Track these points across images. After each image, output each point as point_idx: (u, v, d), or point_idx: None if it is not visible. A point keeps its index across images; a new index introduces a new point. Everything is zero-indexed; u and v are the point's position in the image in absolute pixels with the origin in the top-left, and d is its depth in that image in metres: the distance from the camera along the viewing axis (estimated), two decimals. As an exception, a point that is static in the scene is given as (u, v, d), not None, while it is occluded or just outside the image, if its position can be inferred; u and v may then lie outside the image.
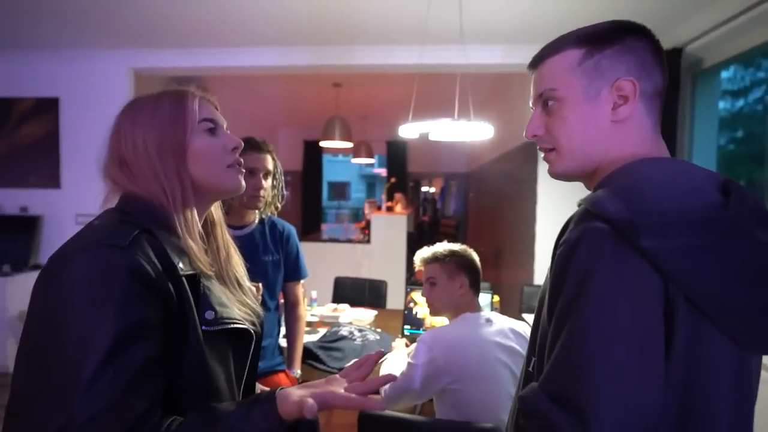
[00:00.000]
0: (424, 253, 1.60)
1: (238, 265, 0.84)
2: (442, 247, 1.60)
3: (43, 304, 0.64)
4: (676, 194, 0.60)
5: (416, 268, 1.64)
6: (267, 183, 1.64)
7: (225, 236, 0.84)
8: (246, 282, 0.85)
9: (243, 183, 0.79)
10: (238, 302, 0.78)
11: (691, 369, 0.57)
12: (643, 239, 0.55)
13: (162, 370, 0.63)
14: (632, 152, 0.68)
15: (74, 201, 3.65)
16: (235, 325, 0.74)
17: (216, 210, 0.84)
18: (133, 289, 0.61)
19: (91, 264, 0.62)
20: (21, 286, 3.41)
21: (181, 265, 0.69)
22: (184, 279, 0.68)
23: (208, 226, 0.82)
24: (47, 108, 3.63)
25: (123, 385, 0.58)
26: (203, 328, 0.69)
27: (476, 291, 1.56)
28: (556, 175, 0.74)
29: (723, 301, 0.56)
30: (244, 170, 0.79)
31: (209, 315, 0.70)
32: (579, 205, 0.65)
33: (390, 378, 0.74)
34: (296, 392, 0.68)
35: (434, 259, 1.57)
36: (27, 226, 3.62)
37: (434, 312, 1.61)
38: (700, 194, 0.60)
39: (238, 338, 0.75)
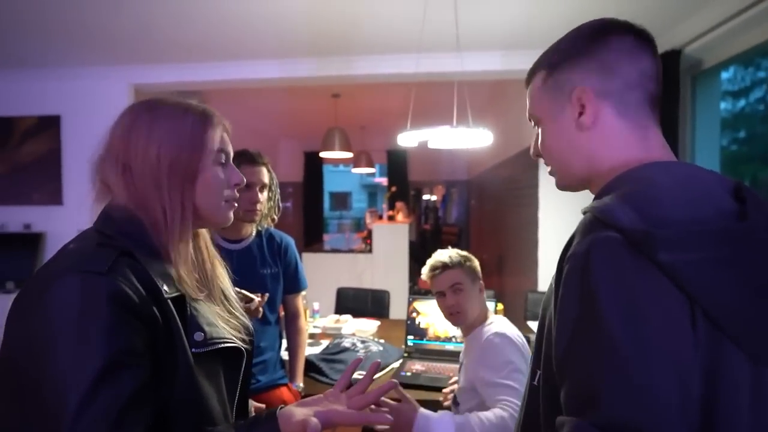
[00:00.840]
0: (438, 260, 1.53)
1: (223, 277, 0.82)
2: (454, 252, 1.55)
3: (22, 334, 0.61)
4: (690, 202, 0.57)
5: (426, 278, 1.56)
6: (263, 196, 1.64)
7: (209, 249, 0.82)
8: (231, 293, 0.83)
9: (231, 218, 0.78)
10: (227, 318, 0.77)
11: (711, 386, 0.54)
12: (660, 253, 0.52)
13: (151, 396, 0.62)
14: (626, 156, 0.65)
15: (77, 217, 3.58)
16: (226, 344, 0.72)
17: None
18: (115, 316, 0.60)
19: (71, 292, 0.60)
20: (23, 304, 3.41)
21: (165, 287, 0.67)
22: (169, 302, 0.67)
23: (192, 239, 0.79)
24: (49, 125, 3.66)
25: (113, 418, 0.56)
26: (193, 350, 0.67)
27: None
28: (559, 188, 0.75)
29: (742, 317, 0.53)
30: (236, 204, 0.78)
31: (198, 336, 0.68)
32: (584, 213, 0.62)
33: (391, 385, 0.77)
34: (299, 411, 0.67)
35: (457, 264, 1.50)
36: (30, 243, 3.63)
37: (462, 320, 1.51)
38: (713, 201, 0.57)
39: (229, 357, 0.74)
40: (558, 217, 3.26)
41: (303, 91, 4.77)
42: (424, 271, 1.57)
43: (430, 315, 2.16)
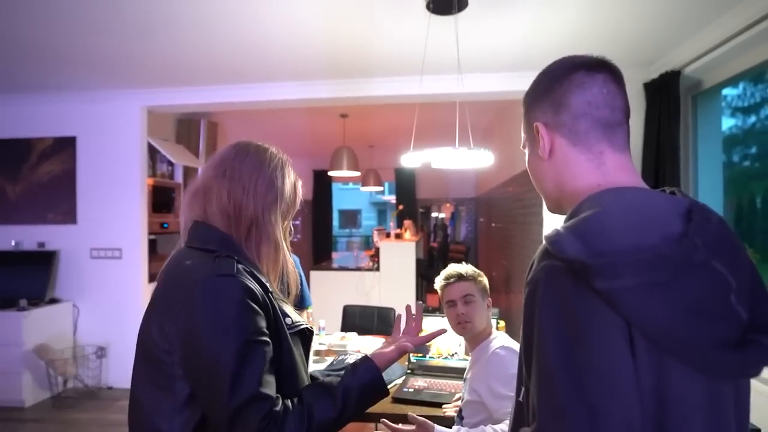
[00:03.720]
0: (454, 270, 1.59)
1: (295, 281, 1.04)
2: (469, 266, 1.61)
3: (180, 326, 0.82)
4: (634, 228, 0.60)
5: (439, 287, 1.61)
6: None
7: (288, 259, 1.01)
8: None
9: None
10: (293, 309, 0.97)
11: (663, 403, 0.57)
12: (596, 281, 0.56)
13: (275, 363, 0.84)
14: (585, 181, 0.70)
15: (89, 236, 3.74)
16: (302, 326, 0.94)
17: None
18: (248, 306, 0.81)
19: (217, 290, 0.81)
20: (37, 321, 3.47)
21: (267, 284, 0.89)
22: (271, 295, 0.88)
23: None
24: (65, 146, 3.78)
25: (257, 380, 0.79)
26: (288, 331, 0.89)
27: None
28: (550, 212, 0.83)
29: (678, 337, 0.56)
30: None
31: (288, 320, 0.90)
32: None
33: (441, 331, 1.12)
34: (383, 350, 1.00)
35: (469, 277, 1.57)
36: (44, 261, 3.72)
37: (469, 330, 1.54)
38: (659, 226, 0.60)
39: (303, 336, 0.95)
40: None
41: (312, 112, 4.88)
42: (438, 280, 1.63)
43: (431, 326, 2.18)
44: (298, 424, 0.81)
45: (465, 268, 1.60)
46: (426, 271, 6.83)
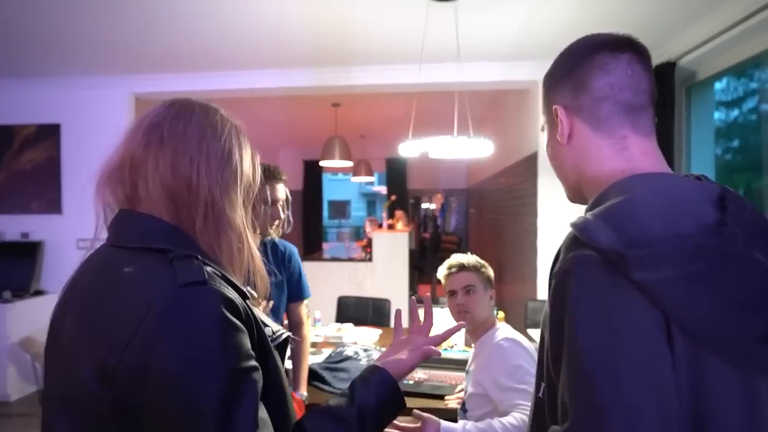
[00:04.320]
0: (457, 260, 1.57)
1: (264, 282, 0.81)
2: (473, 257, 1.59)
3: (142, 360, 0.58)
4: (670, 216, 0.57)
5: (442, 276, 1.59)
6: (283, 212, 1.66)
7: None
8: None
9: None
10: (266, 316, 0.78)
11: (699, 399, 0.55)
12: (634, 272, 0.54)
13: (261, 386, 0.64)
14: (608, 167, 0.67)
15: (76, 226, 3.65)
16: (284, 335, 0.75)
17: None
18: (230, 323, 0.59)
19: (188, 307, 0.57)
20: (22, 313, 3.39)
21: (243, 289, 0.67)
22: (248, 302, 0.67)
23: None
24: (48, 134, 3.66)
25: (252, 421, 0.57)
26: (272, 344, 0.70)
27: None
28: (570, 201, 0.79)
29: (718, 331, 0.54)
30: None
31: (268, 331, 0.70)
32: (571, 226, 0.65)
33: (459, 326, 0.93)
34: (402, 356, 0.79)
35: (472, 267, 1.56)
36: (28, 252, 3.62)
37: (469, 321, 1.53)
38: (694, 213, 0.58)
39: (281, 345, 0.76)
40: (557, 226, 3.28)
41: (303, 101, 4.80)
42: (441, 270, 1.61)
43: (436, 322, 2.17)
44: None
45: (468, 258, 1.58)
46: (418, 262, 6.84)
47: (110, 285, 0.62)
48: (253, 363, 0.60)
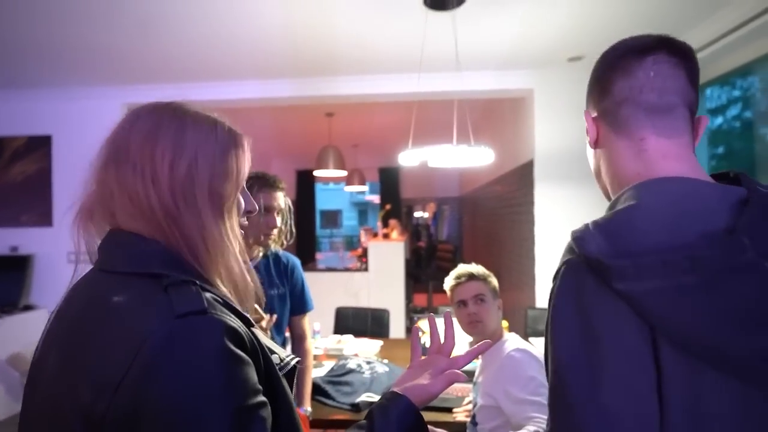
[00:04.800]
0: (465, 270, 1.57)
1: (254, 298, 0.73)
2: (480, 267, 1.59)
3: (137, 399, 0.51)
4: (668, 226, 0.55)
5: (450, 287, 1.58)
6: (280, 221, 1.63)
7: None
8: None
9: None
10: (272, 342, 0.70)
11: (694, 413, 0.52)
12: (616, 282, 0.54)
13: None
14: (626, 171, 0.68)
15: (67, 240, 3.52)
16: (293, 360, 0.67)
17: None
18: (235, 357, 0.52)
19: (189, 339, 0.51)
20: (11, 329, 3.29)
21: (246, 314, 0.60)
22: (253, 329, 0.60)
23: None
24: (39, 146, 3.60)
25: None
26: (280, 372, 0.63)
27: None
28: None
29: (710, 346, 0.52)
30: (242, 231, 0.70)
31: (275, 358, 0.63)
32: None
33: (487, 344, 0.84)
34: (423, 380, 0.72)
35: (480, 277, 1.55)
36: (18, 266, 3.53)
37: (480, 330, 1.51)
38: (700, 222, 0.55)
39: (289, 373, 0.68)
40: (555, 234, 3.28)
41: (296, 111, 4.78)
42: (448, 280, 1.60)
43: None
44: None
45: (476, 268, 1.58)
46: (413, 271, 6.82)
47: (98, 318, 0.55)
48: (261, 398, 0.54)
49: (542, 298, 3.30)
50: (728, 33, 2.25)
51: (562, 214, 3.28)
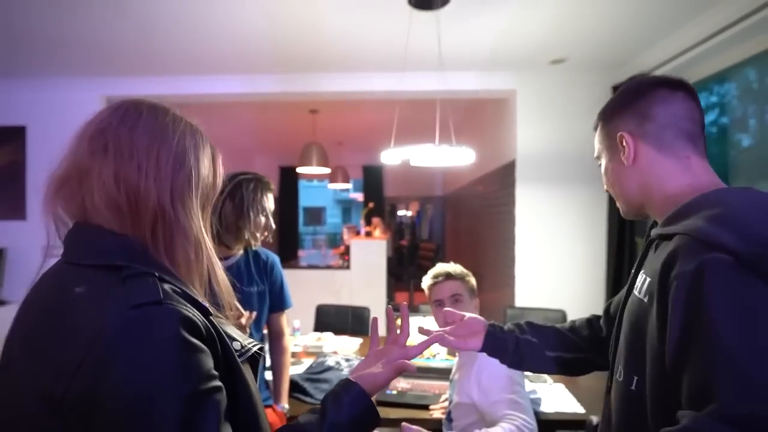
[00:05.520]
0: (442, 269, 1.56)
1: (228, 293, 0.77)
2: (458, 266, 1.59)
3: (92, 387, 0.53)
4: None
5: (427, 286, 1.58)
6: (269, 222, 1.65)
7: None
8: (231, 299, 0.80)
9: None
10: (233, 323, 0.72)
11: None
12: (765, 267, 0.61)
13: (229, 413, 0.60)
14: (676, 183, 0.79)
15: (41, 233, 3.48)
16: (253, 347, 0.69)
17: None
18: (189, 344, 0.55)
19: (144, 328, 0.54)
20: (-19, 325, 3.21)
21: (205, 304, 0.63)
22: (212, 318, 0.64)
23: None
24: (13, 137, 3.50)
25: None
26: (239, 359, 0.65)
27: None
28: (624, 217, 0.91)
29: None
30: None
31: (236, 345, 0.66)
32: (661, 236, 0.75)
33: (439, 337, 1.00)
34: (376, 369, 0.77)
35: (458, 276, 1.55)
36: (-11, 260, 3.44)
37: None
38: None
39: (252, 359, 0.71)
40: (534, 234, 3.33)
41: (279, 107, 4.75)
42: (426, 279, 1.60)
43: (413, 332, 2.16)
44: None
45: (453, 267, 1.58)
46: (396, 270, 6.84)
47: (61, 307, 0.58)
48: (215, 384, 0.57)
49: (522, 297, 3.35)
50: (706, 39, 2.30)
51: (542, 215, 3.32)
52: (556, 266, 3.30)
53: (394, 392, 1.87)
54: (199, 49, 2.84)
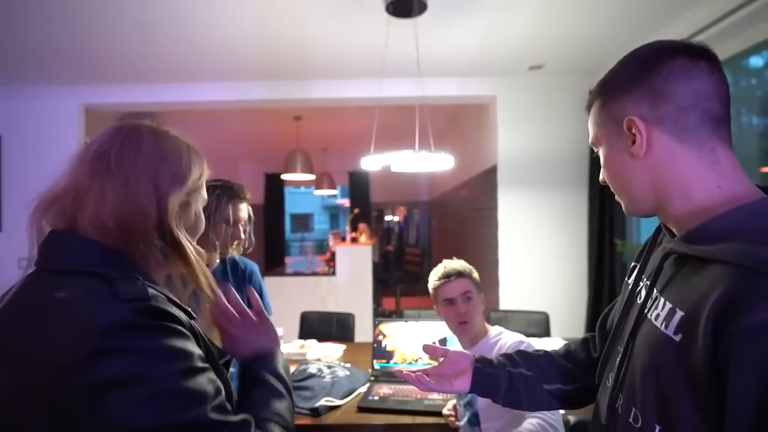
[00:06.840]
0: (452, 267, 1.51)
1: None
2: (464, 262, 1.55)
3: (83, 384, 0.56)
4: None
5: (436, 286, 1.51)
6: (244, 232, 1.62)
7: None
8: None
9: None
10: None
11: None
12: None
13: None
14: (701, 183, 0.62)
15: (17, 245, 3.42)
16: (230, 357, 0.76)
17: None
18: (176, 331, 0.60)
19: (127, 321, 0.56)
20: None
21: (189, 310, 0.68)
22: (195, 322, 0.68)
23: None
24: (-12, 146, 3.44)
25: (213, 386, 0.60)
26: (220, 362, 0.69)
27: None
28: (627, 214, 0.73)
29: None
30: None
31: (216, 350, 0.70)
32: (689, 255, 0.59)
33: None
34: (250, 339, 0.81)
35: (467, 273, 1.51)
36: (-36, 273, 3.36)
37: (470, 330, 1.47)
38: None
39: (226, 365, 0.77)
40: (517, 237, 3.36)
41: (263, 114, 4.73)
42: (434, 279, 1.53)
43: (396, 337, 2.16)
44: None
45: (460, 264, 1.54)
46: (382, 275, 6.83)
47: (42, 311, 0.58)
48: (207, 365, 0.62)
49: (505, 300, 3.37)
50: (700, 32, 2.31)
51: (523, 218, 3.36)
52: (539, 269, 3.34)
53: (376, 398, 1.86)
54: (182, 57, 2.83)
